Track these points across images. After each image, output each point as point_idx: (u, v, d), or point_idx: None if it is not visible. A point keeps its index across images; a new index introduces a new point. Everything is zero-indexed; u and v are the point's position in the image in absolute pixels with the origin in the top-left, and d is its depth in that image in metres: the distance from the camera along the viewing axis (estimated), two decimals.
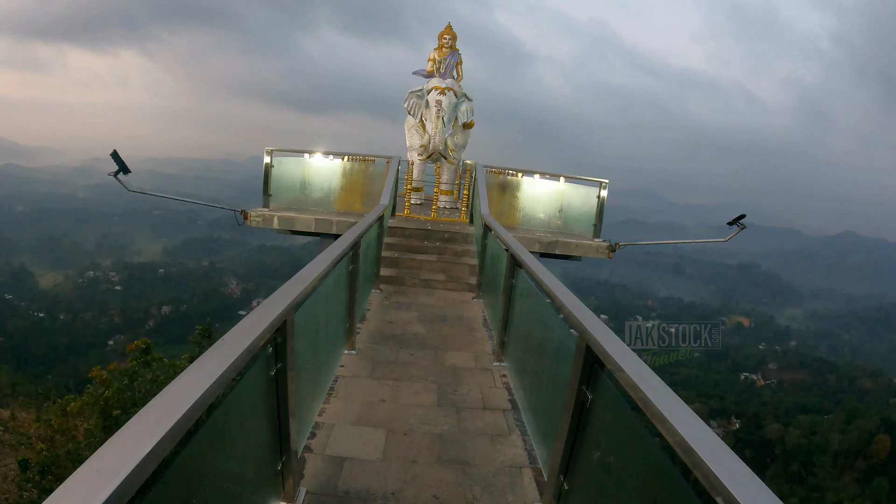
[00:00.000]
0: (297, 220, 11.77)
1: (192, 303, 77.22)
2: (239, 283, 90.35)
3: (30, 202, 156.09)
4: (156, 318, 74.23)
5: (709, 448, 1.78)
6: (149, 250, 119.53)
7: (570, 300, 3.63)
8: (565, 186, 12.99)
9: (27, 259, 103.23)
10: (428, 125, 13.66)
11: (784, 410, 53.89)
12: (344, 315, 6.09)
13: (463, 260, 10.56)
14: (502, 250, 6.70)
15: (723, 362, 73.39)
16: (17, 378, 44.56)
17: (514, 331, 6.03)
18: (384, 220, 9.94)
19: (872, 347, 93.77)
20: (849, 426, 47.97)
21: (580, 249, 11.97)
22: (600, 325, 3.03)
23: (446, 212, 14.29)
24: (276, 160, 12.38)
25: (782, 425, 49.46)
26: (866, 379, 66.53)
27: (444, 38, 15.55)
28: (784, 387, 65.54)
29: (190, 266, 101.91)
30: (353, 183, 12.95)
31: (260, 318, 2.68)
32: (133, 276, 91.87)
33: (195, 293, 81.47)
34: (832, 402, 58.11)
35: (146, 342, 14.27)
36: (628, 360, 2.54)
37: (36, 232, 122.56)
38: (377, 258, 9.35)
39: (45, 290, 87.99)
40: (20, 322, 67.46)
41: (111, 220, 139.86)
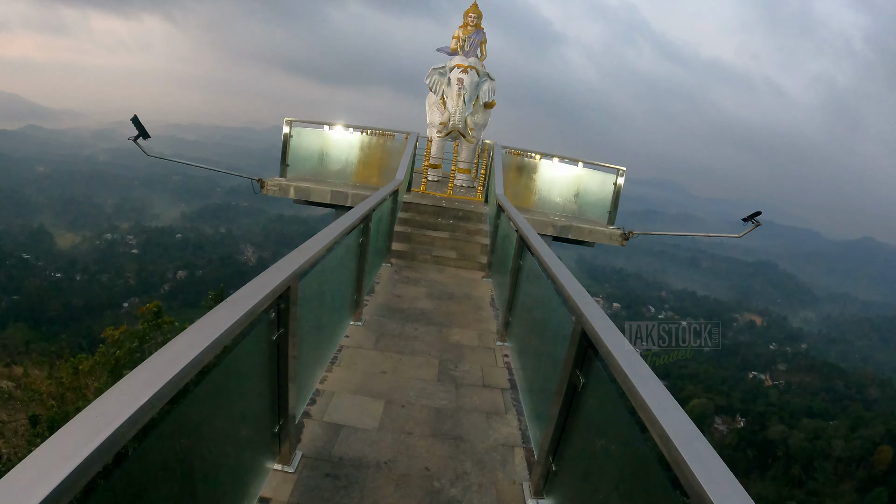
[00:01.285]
0: (314, 191, 11.80)
1: (208, 269, 77.71)
2: (255, 252, 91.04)
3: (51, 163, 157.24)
4: (171, 282, 74.85)
5: (687, 439, 1.80)
6: (167, 215, 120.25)
7: (570, 283, 3.64)
8: (583, 171, 12.90)
9: (46, 220, 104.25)
10: (449, 103, 13.66)
11: (790, 412, 53.66)
12: (352, 286, 6.15)
13: (475, 239, 10.57)
14: (512, 231, 6.72)
15: (732, 359, 73.49)
16: (31, 336, 44.96)
17: (518, 312, 6.06)
18: (399, 195, 9.98)
19: (884, 356, 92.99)
20: (853, 434, 47.82)
21: (593, 235, 11.94)
22: (597, 311, 3.03)
23: (462, 190, 14.30)
24: (296, 131, 12.43)
25: (787, 427, 49.34)
26: (874, 388, 66.22)
27: (469, 17, 15.49)
28: (791, 389, 65.48)
29: (207, 232, 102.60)
30: (371, 157, 12.93)
31: (263, 283, 2.74)
32: (150, 240, 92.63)
33: (211, 259, 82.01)
34: (838, 408, 57.98)
35: (158, 305, 14.43)
36: (621, 348, 2.55)
37: (56, 193, 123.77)
38: (390, 232, 9.41)
39: (63, 250, 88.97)
40: (37, 281, 68.54)
41: (131, 184, 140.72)
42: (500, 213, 8.34)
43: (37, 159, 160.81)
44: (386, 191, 7.59)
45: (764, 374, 70.03)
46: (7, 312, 57.41)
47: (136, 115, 11.05)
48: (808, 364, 73.27)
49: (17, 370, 18.50)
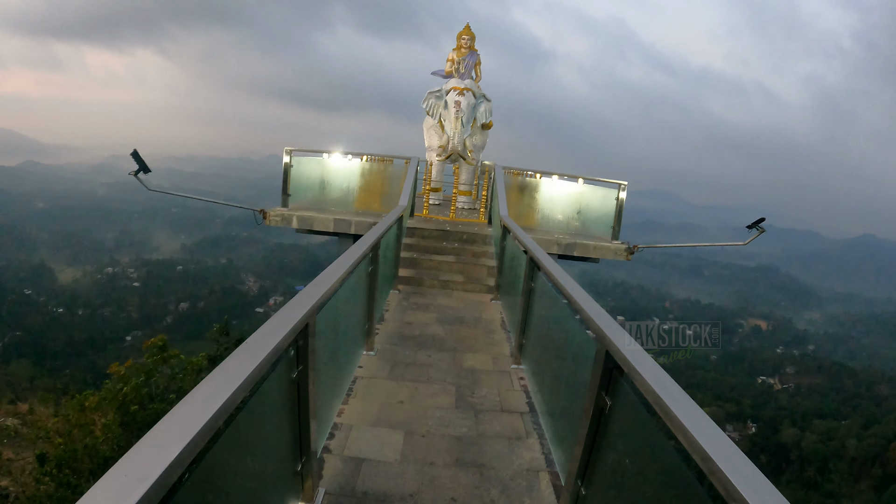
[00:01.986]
0: (316, 219, 11.79)
1: (210, 300, 77.82)
2: (256, 281, 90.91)
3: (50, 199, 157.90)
4: (174, 314, 74.97)
5: (726, 456, 1.79)
6: (167, 247, 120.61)
7: (589, 305, 3.63)
8: (584, 188, 12.91)
9: (47, 255, 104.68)
10: (447, 126, 13.66)
11: (801, 415, 53.66)
12: (363, 316, 6.11)
13: (481, 261, 10.55)
14: (521, 252, 6.71)
15: (739, 365, 73.64)
16: (35, 372, 45.03)
17: (532, 334, 6.02)
18: (403, 221, 9.96)
19: (891, 353, 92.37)
20: (866, 432, 47.86)
21: (598, 251, 11.93)
22: (620, 331, 3.03)
23: (465, 212, 14.32)
24: (296, 160, 12.44)
25: (799, 430, 49.34)
26: (884, 385, 66.03)
27: (462, 39, 15.56)
28: (801, 391, 65.28)
29: (208, 263, 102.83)
30: (372, 183, 12.92)
31: (283, 321, 2.70)
32: (151, 273, 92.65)
33: (213, 290, 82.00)
34: (849, 407, 57.88)
35: (163, 339, 14.41)
36: (648, 367, 2.55)
37: (56, 228, 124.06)
38: (396, 259, 9.40)
39: (65, 285, 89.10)
40: (39, 317, 68.68)
41: (130, 218, 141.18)
42: (507, 234, 8.33)
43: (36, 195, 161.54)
44: (392, 218, 7.57)
45: (772, 378, 69.77)
46: (10, 348, 57.50)
47: (136, 149, 11.07)
48: (816, 365, 73.37)
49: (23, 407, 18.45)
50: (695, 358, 73.22)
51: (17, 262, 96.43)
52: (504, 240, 8.66)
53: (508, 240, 8.30)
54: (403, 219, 9.86)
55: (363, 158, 12.89)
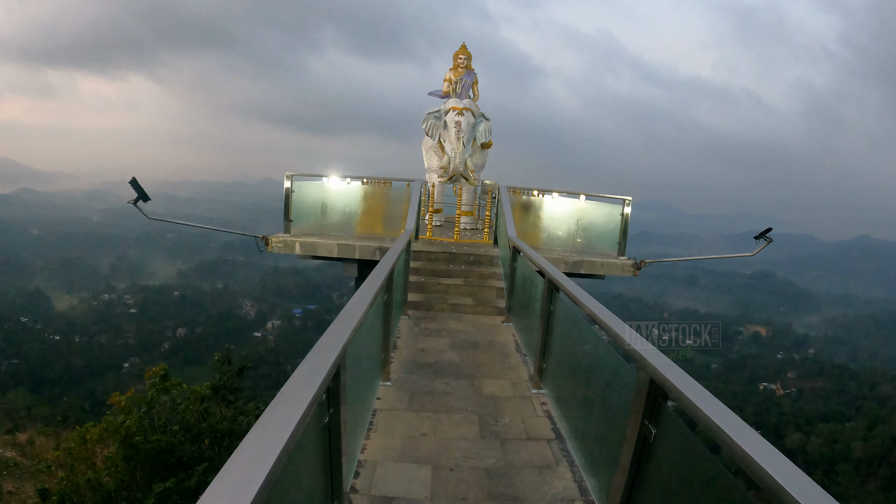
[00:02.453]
0: (319, 245, 11.69)
1: (208, 325, 77.58)
2: (254, 305, 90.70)
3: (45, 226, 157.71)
4: (171, 340, 74.56)
5: (799, 487, 1.80)
6: (163, 273, 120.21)
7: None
8: (587, 204, 12.88)
9: (43, 282, 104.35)
10: (447, 146, 13.61)
11: (805, 419, 53.66)
12: (380, 346, 6.01)
13: (490, 283, 10.46)
14: (535, 273, 6.68)
15: (741, 373, 73.72)
16: (33, 401, 44.46)
17: (553, 357, 5.93)
18: (409, 245, 9.88)
19: (892, 352, 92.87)
20: (871, 433, 47.73)
21: (605, 268, 11.87)
22: (663, 358, 2.96)
23: (468, 233, 14.28)
24: (297, 185, 12.34)
25: (803, 434, 49.40)
26: (887, 384, 65.85)
27: (459, 59, 15.55)
28: (804, 395, 65.38)
29: (204, 288, 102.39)
30: (374, 206, 12.88)
31: (315, 368, 2.60)
32: (148, 299, 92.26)
33: (210, 315, 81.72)
34: (853, 409, 57.98)
35: (164, 368, 14.23)
36: (698, 394, 2.50)
37: (51, 255, 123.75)
38: (405, 284, 9.26)
39: (61, 313, 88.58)
40: (36, 345, 68.31)
41: (126, 244, 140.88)
42: (517, 255, 8.27)
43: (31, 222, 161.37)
44: (401, 243, 7.50)
45: (774, 384, 69.88)
46: (7, 377, 57.09)
47: (135, 177, 10.99)
48: (817, 369, 73.37)
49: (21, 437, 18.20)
50: (695, 367, 73.23)
51: (13, 290, 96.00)
52: (514, 261, 8.59)
53: (519, 261, 8.23)
54: (409, 242, 9.79)
55: (363, 181, 12.83)
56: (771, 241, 11.32)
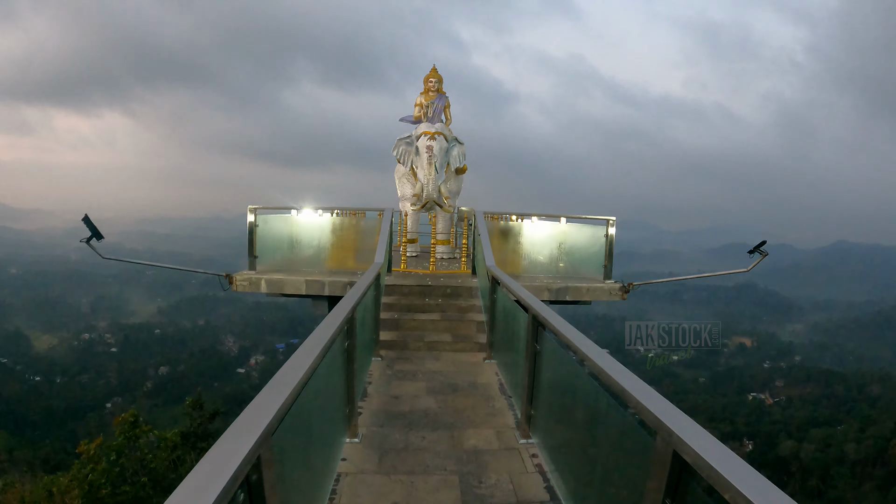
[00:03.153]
0: (287, 282, 10.93)
1: (190, 363, 76.09)
2: (236, 341, 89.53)
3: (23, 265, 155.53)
4: (153, 378, 73.33)
5: None
6: (144, 311, 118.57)
7: (641, 390, 2.87)
8: (569, 227, 12.19)
9: (22, 322, 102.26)
10: (420, 173, 13.00)
11: (796, 426, 54.03)
12: (342, 399, 5.20)
13: (469, 316, 9.71)
14: (515, 305, 6.13)
15: (729, 385, 73.89)
16: (14, 443, 43.77)
17: (543, 402, 5.22)
18: (381, 279, 9.13)
19: (877, 352, 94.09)
20: (863, 434, 48.27)
21: (592, 294, 11.19)
22: (689, 424, 2.43)
23: (444, 263, 13.59)
24: (261, 218, 11.58)
25: (796, 441, 49.48)
26: (875, 385, 67.00)
27: (429, 82, 15.01)
28: (793, 402, 65.63)
29: (186, 325, 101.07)
30: (345, 239, 12.11)
31: (219, 466, 1.90)
32: (129, 338, 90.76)
33: (192, 353, 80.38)
34: (843, 412, 58.72)
35: (134, 414, 13.60)
36: (737, 473, 2.01)
37: (30, 294, 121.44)
38: (375, 322, 8.47)
39: (41, 353, 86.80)
40: (16, 386, 66.83)
41: (105, 282, 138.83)
42: (496, 286, 7.57)
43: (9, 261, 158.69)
44: (367, 279, 6.79)
45: (763, 394, 70.15)
46: None
47: (87, 214, 10.39)
48: (804, 375, 74.03)
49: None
50: (683, 382, 73.48)
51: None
52: (494, 292, 7.88)
53: (499, 292, 7.54)
54: (381, 276, 9.04)
55: (333, 213, 12.12)
56: (766, 254, 10.78)
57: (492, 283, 7.86)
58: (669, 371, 77.74)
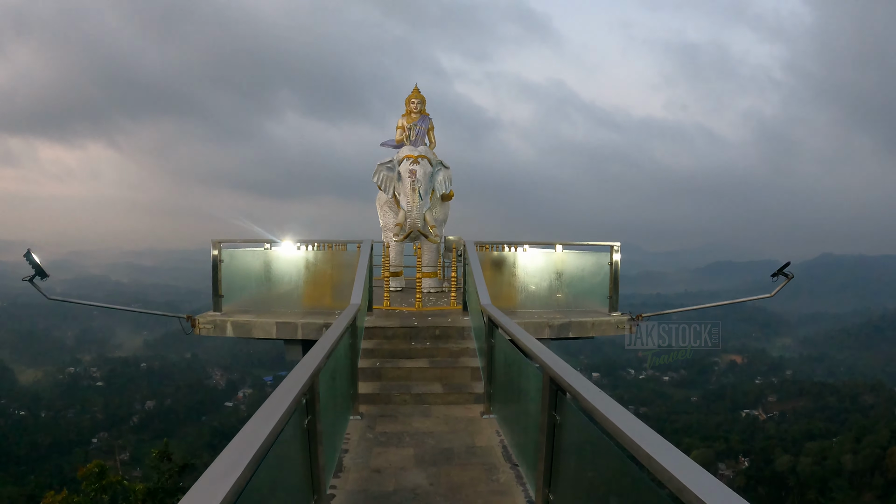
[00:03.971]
0: (255, 325, 9.59)
1: (177, 396, 74.81)
2: (223, 374, 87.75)
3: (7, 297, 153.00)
4: (140, 413, 72.00)
5: None
6: (129, 344, 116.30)
7: None
8: (568, 255, 10.91)
9: (6, 355, 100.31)
10: (402, 200, 11.87)
11: (791, 440, 53.70)
12: (304, 490, 3.96)
13: (462, 361, 8.42)
14: (522, 359, 4.95)
15: (721, 403, 73.04)
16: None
17: (566, 487, 3.92)
18: (359, 321, 7.87)
19: (868, 362, 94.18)
20: (859, 444, 47.93)
21: (597, 329, 9.94)
22: None
23: (432, 298, 12.35)
24: (227, 253, 10.26)
25: (792, 456, 49.11)
26: (868, 394, 66.86)
27: (411, 103, 13.94)
28: (787, 417, 65.49)
29: (172, 359, 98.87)
30: (322, 274, 10.76)
31: None
32: (115, 371, 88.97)
33: (179, 387, 78.85)
34: (838, 423, 58.49)
35: (100, 465, 12.51)
36: None
37: (14, 327, 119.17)
38: (352, 373, 7.05)
39: (26, 387, 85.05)
40: (0, 421, 65.61)
41: (90, 315, 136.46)
42: (494, 329, 6.37)
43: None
44: (340, 326, 5.57)
45: (756, 410, 69.51)
46: None
47: (29, 249, 10.02)
48: (797, 389, 73.70)
49: None
50: (676, 402, 73.04)
51: None
52: (491, 336, 6.64)
53: (497, 336, 6.33)
54: (359, 317, 7.78)
55: (309, 246, 10.86)
56: (791, 276, 9.68)
57: (488, 325, 6.65)
58: (661, 392, 77.30)
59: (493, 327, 6.41)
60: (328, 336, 5.10)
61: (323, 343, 4.72)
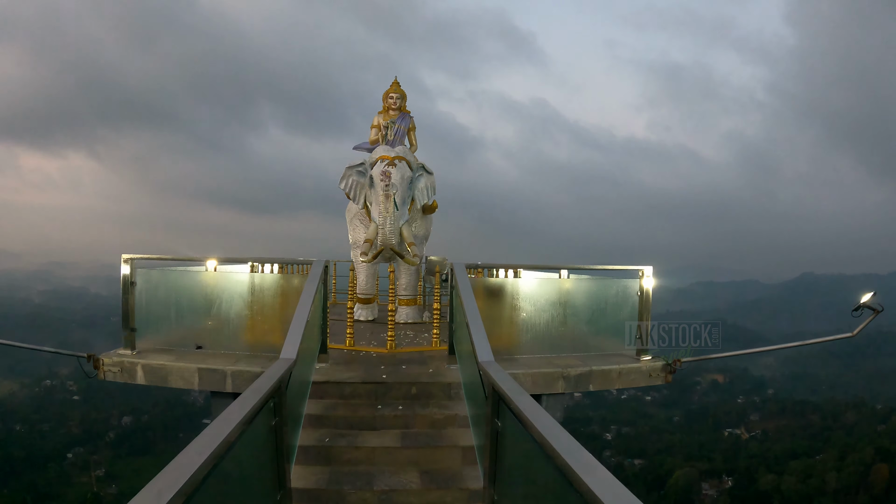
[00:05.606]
0: (173, 370, 7.07)
1: (154, 412, 71.64)
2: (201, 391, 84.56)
3: None
4: (116, 429, 69.49)
5: None
6: None
7: None
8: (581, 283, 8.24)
9: None
10: (374, 211, 9.46)
11: (774, 459, 52.63)
12: None
13: (448, 436, 5.78)
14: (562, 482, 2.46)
15: (704, 422, 72.11)
16: None
17: None
18: (305, 372, 5.39)
19: (849, 380, 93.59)
20: (843, 462, 46.99)
21: (625, 379, 7.37)
22: None
23: (409, 333, 9.70)
24: (143, 274, 7.66)
25: (776, 475, 48.00)
26: (850, 412, 65.98)
27: (390, 98, 11.48)
28: (770, 436, 63.99)
29: None
30: (271, 304, 7.71)
31: None
32: (92, 386, 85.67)
33: (157, 402, 75.88)
34: (821, 441, 57.22)
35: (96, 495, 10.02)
36: None
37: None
38: (281, 456, 4.21)
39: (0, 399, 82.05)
40: None
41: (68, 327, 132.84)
42: (502, 408, 3.81)
43: None
44: (249, 403, 3.16)
45: (739, 429, 68.43)
46: None
47: None
48: (779, 408, 73.21)
49: None
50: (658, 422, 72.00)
51: None
52: (497, 416, 3.94)
53: (506, 420, 3.72)
54: (304, 365, 5.27)
55: (255, 267, 8.25)
56: (880, 310, 7.26)
57: (493, 402, 3.97)
58: (643, 412, 76.05)
59: (499, 403, 3.91)
60: (217, 428, 2.69)
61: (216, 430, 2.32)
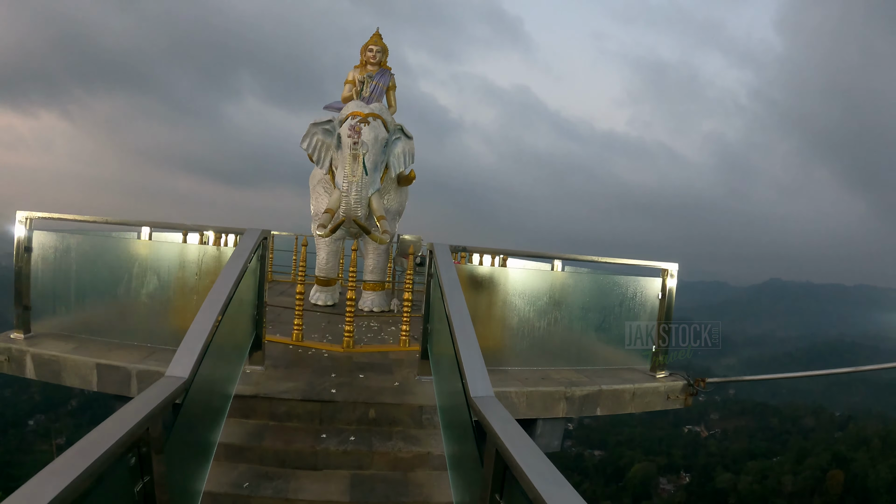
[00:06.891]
0: (67, 363, 5.41)
1: None
2: None
3: None
4: (78, 397, 67.03)
5: None
6: None
7: None
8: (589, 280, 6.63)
9: None
10: (338, 175, 7.78)
11: (732, 458, 53.15)
12: None
13: (416, 483, 4.05)
14: None
15: (664, 418, 71.13)
16: None
17: None
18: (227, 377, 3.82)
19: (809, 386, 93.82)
20: (800, 466, 47.46)
21: (639, 402, 5.89)
22: None
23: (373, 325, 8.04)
24: (44, 238, 6.05)
25: (733, 474, 48.59)
26: (809, 417, 67.05)
27: (369, 51, 9.56)
28: (729, 435, 64.93)
29: None
30: (203, 285, 5.79)
31: None
32: None
33: None
34: (779, 444, 57.95)
35: None
36: None
37: None
38: None
39: None
40: None
41: None
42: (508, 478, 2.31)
43: None
44: None
45: (699, 427, 68.56)
46: None
47: None
48: (739, 408, 73.75)
49: None
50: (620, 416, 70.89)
51: None
52: (501, 493, 2.40)
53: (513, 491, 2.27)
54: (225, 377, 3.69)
55: (188, 236, 6.67)
56: None
57: (495, 468, 2.40)
58: None
59: (505, 473, 2.36)
60: None
61: None
